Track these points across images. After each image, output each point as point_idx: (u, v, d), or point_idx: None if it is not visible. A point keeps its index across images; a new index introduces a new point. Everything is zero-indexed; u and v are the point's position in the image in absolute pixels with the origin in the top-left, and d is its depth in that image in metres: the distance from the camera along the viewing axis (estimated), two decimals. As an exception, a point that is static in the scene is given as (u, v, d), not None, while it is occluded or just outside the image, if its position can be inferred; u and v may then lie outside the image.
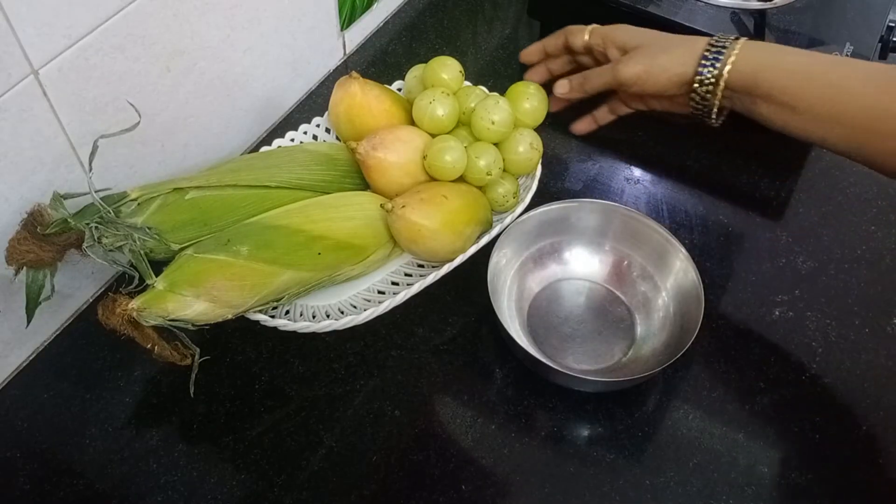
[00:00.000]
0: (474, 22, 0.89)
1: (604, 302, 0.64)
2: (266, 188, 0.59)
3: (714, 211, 0.71)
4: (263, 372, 0.60)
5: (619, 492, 0.55)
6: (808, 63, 0.53)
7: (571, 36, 0.62)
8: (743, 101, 0.55)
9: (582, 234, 0.65)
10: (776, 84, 0.53)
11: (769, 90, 0.53)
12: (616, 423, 0.58)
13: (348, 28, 0.82)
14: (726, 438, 0.57)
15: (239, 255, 0.53)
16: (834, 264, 0.67)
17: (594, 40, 0.61)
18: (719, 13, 0.76)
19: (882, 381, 0.60)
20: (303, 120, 0.71)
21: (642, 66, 0.57)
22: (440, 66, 0.65)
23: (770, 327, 0.63)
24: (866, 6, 0.77)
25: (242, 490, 0.54)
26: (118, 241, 0.52)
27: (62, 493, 0.54)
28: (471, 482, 0.55)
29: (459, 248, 0.60)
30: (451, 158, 0.60)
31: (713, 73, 0.55)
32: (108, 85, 0.55)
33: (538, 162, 0.65)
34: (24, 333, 0.59)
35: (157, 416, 0.58)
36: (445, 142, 0.60)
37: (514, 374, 0.60)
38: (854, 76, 0.52)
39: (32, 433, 0.57)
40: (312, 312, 0.61)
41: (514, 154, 0.63)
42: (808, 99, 0.52)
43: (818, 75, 0.52)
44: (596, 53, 0.61)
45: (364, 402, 0.59)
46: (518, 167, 0.65)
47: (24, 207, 0.52)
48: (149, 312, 0.50)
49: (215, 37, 0.63)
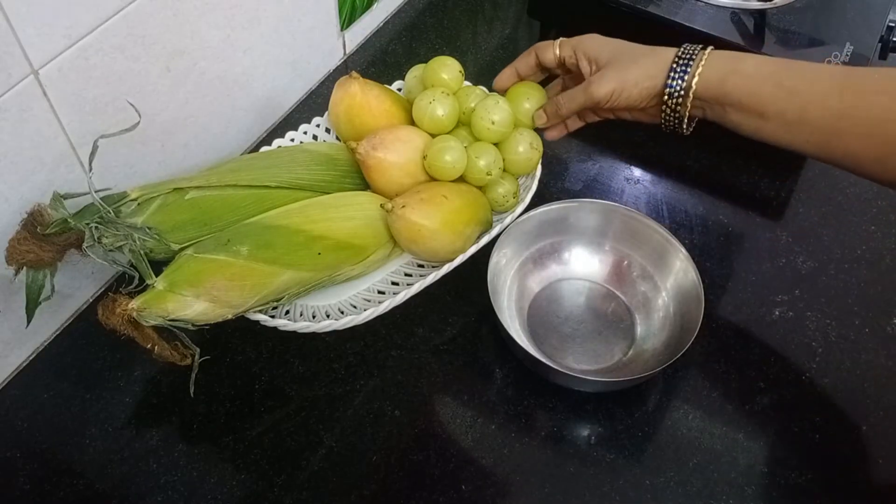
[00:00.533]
0: (474, 22, 0.89)
1: (604, 302, 0.64)
2: (266, 188, 0.59)
3: (714, 211, 0.71)
4: (263, 372, 0.60)
5: (619, 492, 0.55)
6: (773, 70, 0.54)
7: (541, 52, 0.62)
8: (714, 110, 0.56)
9: (582, 234, 0.65)
10: (744, 91, 0.54)
11: (738, 98, 0.54)
12: (616, 423, 0.58)
13: (348, 28, 0.82)
14: (726, 438, 0.57)
15: (239, 255, 0.53)
16: (834, 264, 0.67)
17: (565, 52, 0.61)
18: (719, 13, 0.77)
19: (882, 381, 0.60)
20: (303, 120, 0.71)
21: (614, 82, 0.57)
22: (440, 66, 0.65)
23: (770, 327, 0.63)
24: (866, 6, 0.77)
25: (242, 490, 0.54)
26: (118, 241, 0.52)
27: (62, 493, 0.54)
28: (471, 482, 0.55)
29: (459, 248, 0.60)
30: (450, 158, 0.60)
31: (681, 84, 0.55)
32: (108, 85, 0.55)
33: (538, 162, 0.65)
34: (24, 333, 0.59)
35: (157, 416, 0.58)
36: (445, 142, 0.60)
37: (514, 374, 0.60)
38: (818, 80, 0.53)
39: (32, 433, 0.57)
40: (312, 312, 0.61)
41: (514, 154, 0.63)
42: (775, 104, 0.53)
43: (784, 81, 0.53)
44: (569, 65, 0.61)
45: (364, 402, 0.59)
46: (518, 167, 0.64)
47: (24, 207, 0.52)
48: (149, 312, 0.50)
49: (215, 37, 0.63)
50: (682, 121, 0.58)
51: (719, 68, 0.55)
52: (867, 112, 0.51)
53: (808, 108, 0.53)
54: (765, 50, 0.74)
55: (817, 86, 0.53)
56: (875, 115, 0.51)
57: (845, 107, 0.52)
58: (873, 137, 0.51)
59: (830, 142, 0.53)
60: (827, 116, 0.52)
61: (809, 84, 0.53)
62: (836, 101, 0.52)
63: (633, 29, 0.64)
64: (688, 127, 0.59)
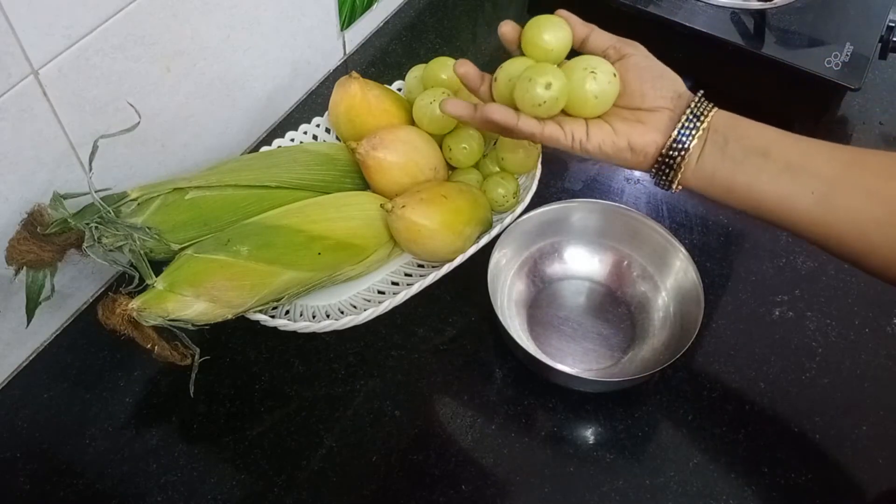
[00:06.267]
0: (474, 22, 0.89)
1: (604, 302, 0.64)
2: (266, 188, 0.59)
3: (714, 211, 0.71)
4: (263, 372, 0.60)
5: (619, 492, 0.55)
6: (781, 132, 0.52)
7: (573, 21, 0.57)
8: (715, 141, 0.52)
9: (582, 234, 0.65)
10: (750, 126, 0.52)
11: (745, 131, 0.51)
12: (616, 423, 0.58)
13: (348, 28, 0.82)
14: (726, 439, 0.57)
15: (239, 255, 0.53)
16: (834, 264, 0.67)
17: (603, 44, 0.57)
18: (719, 13, 0.77)
19: (882, 381, 0.60)
20: (303, 120, 0.71)
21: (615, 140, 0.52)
22: (440, 67, 0.65)
23: (770, 327, 0.63)
24: (866, 6, 0.77)
25: (242, 490, 0.54)
26: (118, 241, 0.52)
27: (62, 493, 0.54)
28: (471, 482, 0.55)
29: (459, 248, 0.60)
30: (549, 38, 0.51)
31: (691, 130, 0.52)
32: (108, 85, 0.55)
33: (537, 159, 0.65)
34: (24, 333, 0.59)
35: (157, 416, 0.58)
36: None
37: (514, 374, 0.60)
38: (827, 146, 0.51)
39: (32, 433, 0.57)
40: (312, 312, 0.61)
41: (512, 153, 0.63)
42: (781, 143, 0.51)
43: (791, 135, 0.51)
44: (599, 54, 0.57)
45: (364, 402, 0.59)
46: (517, 166, 0.65)
47: (24, 207, 0.52)
48: (149, 312, 0.50)
49: (215, 37, 0.63)
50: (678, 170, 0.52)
51: (725, 115, 0.52)
52: (877, 164, 0.49)
53: (816, 156, 0.50)
54: (765, 50, 0.74)
55: (825, 146, 0.51)
56: (886, 167, 0.49)
57: (855, 156, 0.50)
58: (879, 195, 0.48)
59: (833, 196, 0.49)
60: (834, 164, 0.50)
61: (817, 143, 0.51)
62: (846, 152, 0.50)
63: (633, 29, 0.64)
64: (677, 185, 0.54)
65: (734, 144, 0.51)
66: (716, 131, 0.52)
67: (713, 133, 0.52)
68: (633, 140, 0.52)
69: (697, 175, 0.52)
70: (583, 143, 0.52)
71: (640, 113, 0.53)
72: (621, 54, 0.54)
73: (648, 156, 0.52)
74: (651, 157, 0.52)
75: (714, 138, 0.51)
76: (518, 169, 0.65)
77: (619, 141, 0.52)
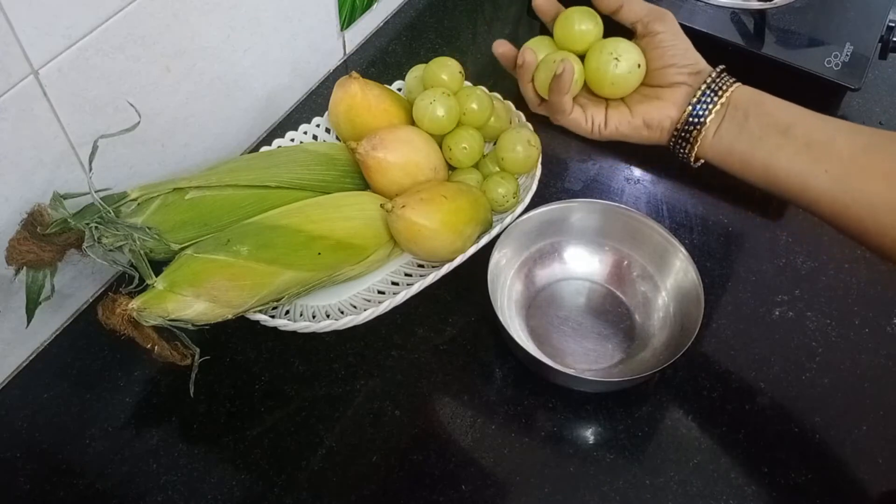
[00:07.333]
0: (474, 22, 0.89)
1: (604, 302, 0.64)
2: (266, 188, 0.59)
3: (714, 211, 0.71)
4: (263, 372, 0.60)
5: (619, 492, 0.55)
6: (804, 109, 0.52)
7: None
8: (735, 117, 0.53)
9: (582, 234, 0.65)
10: (775, 102, 0.52)
11: (770, 108, 0.52)
12: (616, 423, 0.58)
13: (348, 28, 0.82)
14: (726, 438, 0.57)
15: (239, 255, 0.53)
16: (834, 264, 0.67)
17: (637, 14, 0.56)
18: (719, 13, 0.77)
19: (882, 381, 0.60)
20: (303, 120, 0.71)
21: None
22: (440, 67, 0.65)
23: (770, 327, 0.63)
24: (866, 6, 0.77)
25: (242, 490, 0.54)
26: (118, 241, 0.52)
27: (62, 493, 0.54)
28: (471, 482, 0.55)
29: (459, 248, 0.60)
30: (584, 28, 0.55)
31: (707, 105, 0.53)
32: (108, 85, 0.55)
33: (537, 160, 0.65)
34: (24, 333, 0.59)
35: (157, 416, 0.58)
36: None
37: (514, 374, 0.60)
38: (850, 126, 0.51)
39: (32, 433, 0.57)
40: (312, 312, 0.61)
41: (512, 152, 0.63)
42: (804, 121, 0.51)
43: (815, 113, 0.51)
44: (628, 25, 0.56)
45: (364, 402, 0.59)
46: (517, 166, 0.65)
47: (24, 207, 0.52)
48: (149, 312, 0.50)
49: (215, 37, 0.63)
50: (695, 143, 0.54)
51: (748, 91, 0.53)
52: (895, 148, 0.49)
53: (837, 136, 0.50)
54: (765, 50, 0.74)
55: (846, 127, 0.51)
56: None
57: (876, 140, 0.49)
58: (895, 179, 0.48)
59: (849, 178, 0.49)
60: (854, 147, 0.50)
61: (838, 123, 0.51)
62: (865, 135, 0.50)
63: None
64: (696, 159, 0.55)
65: (754, 121, 0.52)
66: (736, 107, 0.52)
67: (733, 109, 0.52)
68: (649, 117, 0.54)
69: (715, 149, 0.53)
70: (601, 128, 0.55)
71: (659, 90, 0.55)
72: (648, 31, 0.55)
73: (664, 130, 0.54)
74: (667, 131, 0.54)
75: (733, 114, 0.52)
76: (518, 169, 0.65)
77: (634, 120, 0.55)
